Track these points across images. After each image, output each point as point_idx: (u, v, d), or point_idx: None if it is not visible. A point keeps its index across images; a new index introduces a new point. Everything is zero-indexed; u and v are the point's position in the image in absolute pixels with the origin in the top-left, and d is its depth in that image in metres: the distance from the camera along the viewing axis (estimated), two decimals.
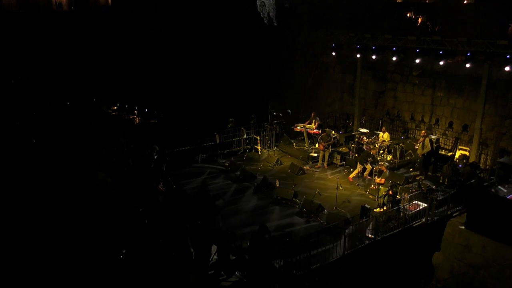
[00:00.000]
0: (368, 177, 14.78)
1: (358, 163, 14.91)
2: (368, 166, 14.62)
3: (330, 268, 10.06)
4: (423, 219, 12.15)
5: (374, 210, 12.27)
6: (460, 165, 14.92)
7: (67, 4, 30.31)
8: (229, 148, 17.57)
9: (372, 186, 13.92)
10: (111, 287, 7.65)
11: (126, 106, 23.79)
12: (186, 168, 15.77)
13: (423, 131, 15.63)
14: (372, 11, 20.90)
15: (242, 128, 17.69)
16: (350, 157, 16.15)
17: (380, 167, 14.08)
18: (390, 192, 12.30)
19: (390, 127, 19.49)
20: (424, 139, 14.83)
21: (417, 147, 15.45)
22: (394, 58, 16.81)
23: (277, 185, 14.31)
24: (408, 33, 16.55)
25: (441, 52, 14.96)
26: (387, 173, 13.72)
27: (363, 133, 17.52)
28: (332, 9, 22.33)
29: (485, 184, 12.65)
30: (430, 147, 14.81)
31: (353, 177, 14.96)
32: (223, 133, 17.20)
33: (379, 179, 13.65)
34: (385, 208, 12.16)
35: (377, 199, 12.96)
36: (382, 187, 13.11)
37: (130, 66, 28.40)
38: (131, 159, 12.20)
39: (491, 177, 13.33)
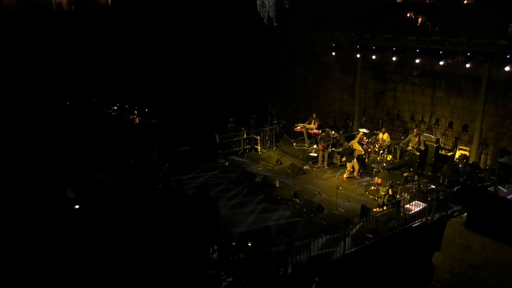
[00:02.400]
0: (358, 176, 14.99)
1: (347, 162, 15.05)
2: (358, 147, 14.72)
3: (330, 268, 10.06)
4: (423, 219, 12.16)
5: (374, 210, 12.29)
6: (460, 165, 14.92)
7: (67, 4, 30.32)
8: (229, 148, 17.57)
9: (372, 187, 13.92)
10: (111, 287, 7.66)
11: (126, 106, 23.79)
12: (186, 168, 15.76)
13: (415, 130, 15.70)
14: (372, 11, 20.89)
15: (242, 128, 17.69)
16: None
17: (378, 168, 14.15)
18: (390, 191, 12.32)
19: (390, 127, 19.47)
20: (419, 137, 15.00)
21: (411, 146, 15.46)
22: (394, 58, 16.81)
23: (277, 185, 14.31)
24: (408, 33, 16.53)
25: (441, 52, 14.96)
26: (384, 173, 13.73)
27: (363, 133, 17.50)
28: (332, 9, 22.32)
29: (485, 184, 12.64)
30: (423, 144, 15.01)
31: (347, 177, 15.06)
32: (223, 133, 17.19)
33: (377, 178, 13.69)
34: (385, 208, 12.17)
35: (377, 199, 12.98)
36: (381, 187, 13.13)
37: (130, 66, 28.41)
38: (131, 159, 12.20)
39: (491, 177, 13.33)
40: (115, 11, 30.24)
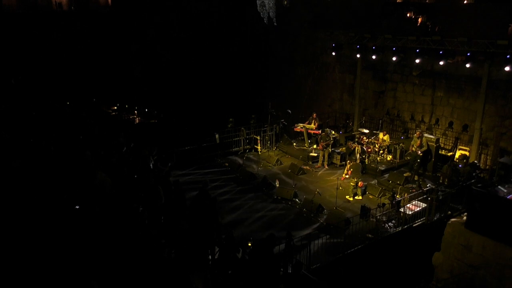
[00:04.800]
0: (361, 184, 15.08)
1: (348, 161, 15.09)
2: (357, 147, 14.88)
3: (330, 268, 10.06)
4: (423, 219, 12.16)
5: (346, 197, 13.17)
6: (460, 165, 14.91)
7: (67, 4, 30.33)
8: (229, 148, 17.57)
9: (343, 176, 14.36)
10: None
11: (126, 106, 23.80)
12: (186, 168, 15.76)
13: (417, 132, 15.65)
14: (372, 11, 20.93)
15: (242, 128, 17.69)
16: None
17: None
18: (360, 183, 13.05)
19: (390, 127, 19.50)
20: (422, 139, 14.96)
21: (413, 149, 15.41)
22: (394, 58, 16.80)
23: (277, 185, 14.31)
24: (408, 33, 16.57)
25: (441, 52, 14.96)
26: (356, 165, 13.99)
27: (363, 133, 17.52)
28: (332, 9, 22.37)
29: (485, 184, 12.65)
30: (426, 146, 14.94)
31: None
32: (223, 133, 17.19)
33: (348, 169, 13.98)
34: (356, 198, 12.79)
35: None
36: (351, 178, 13.51)
37: (130, 66, 28.40)
38: (131, 159, 12.18)
39: (491, 177, 13.34)
40: (115, 11, 30.24)
